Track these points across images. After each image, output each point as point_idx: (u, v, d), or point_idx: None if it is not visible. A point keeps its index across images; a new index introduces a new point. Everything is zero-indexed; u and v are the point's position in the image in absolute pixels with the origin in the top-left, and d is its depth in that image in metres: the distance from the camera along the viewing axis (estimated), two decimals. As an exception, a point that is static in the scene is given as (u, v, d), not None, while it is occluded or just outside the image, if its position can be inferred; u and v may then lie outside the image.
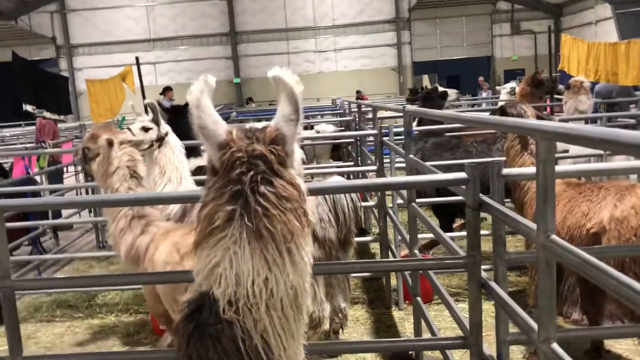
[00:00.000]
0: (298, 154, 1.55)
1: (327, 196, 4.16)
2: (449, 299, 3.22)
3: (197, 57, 32.59)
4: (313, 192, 2.04)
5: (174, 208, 4.84)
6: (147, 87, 10.20)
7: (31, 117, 23.83)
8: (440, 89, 8.39)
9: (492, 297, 2.46)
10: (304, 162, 1.65)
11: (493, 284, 2.46)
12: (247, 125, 1.54)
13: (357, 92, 24.89)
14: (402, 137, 4.66)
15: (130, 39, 32.10)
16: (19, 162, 7.14)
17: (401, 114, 5.01)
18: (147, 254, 3.59)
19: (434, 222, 5.14)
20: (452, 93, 8.04)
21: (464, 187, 2.56)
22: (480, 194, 2.53)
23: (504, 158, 4.38)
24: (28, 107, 8.58)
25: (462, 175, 2.52)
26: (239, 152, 1.41)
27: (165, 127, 5.08)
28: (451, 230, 6.58)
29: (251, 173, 1.38)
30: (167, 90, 13.82)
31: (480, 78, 25.59)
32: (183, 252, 3.36)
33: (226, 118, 10.94)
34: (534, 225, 1.99)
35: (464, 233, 5.88)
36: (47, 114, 8.57)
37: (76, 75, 31.27)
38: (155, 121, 5.01)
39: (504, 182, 2.61)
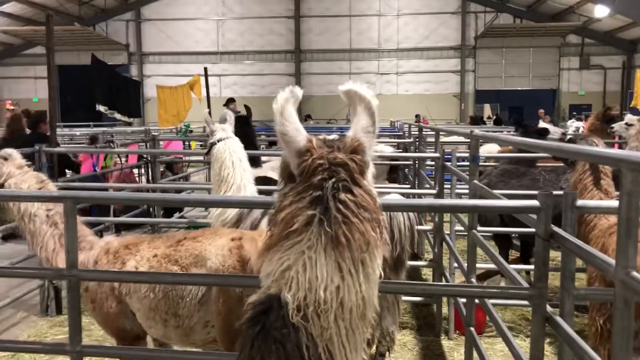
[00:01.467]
0: (372, 167, 1.54)
1: (383, 213, 4.09)
2: (507, 332, 3.10)
3: (261, 72, 33.32)
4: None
5: (231, 213, 4.88)
6: (211, 98, 10.47)
7: (101, 119, 24.86)
8: (542, 124, 7.78)
9: (558, 333, 2.35)
10: None
11: (559, 319, 2.36)
12: (322, 136, 1.55)
13: (416, 115, 24.75)
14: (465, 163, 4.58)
15: (198, 51, 33.17)
16: (87, 159, 7.44)
17: (464, 140, 4.92)
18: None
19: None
20: (555, 132, 7.10)
21: (534, 216, 2.48)
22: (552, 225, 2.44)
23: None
24: (101, 108, 8.95)
25: (534, 203, 2.44)
26: (321, 159, 1.41)
27: (222, 134, 5.15)
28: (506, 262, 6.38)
29: (332, 180, 1.38)
30: (230, 101, 14.15)
31: (541, 111, 24.96)
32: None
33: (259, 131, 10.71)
34: (611, 260, 1.90)
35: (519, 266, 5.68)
36: (118, 116, 8.91)
37: (145, 82, 32.47)
38: (214, 129, 5.14)
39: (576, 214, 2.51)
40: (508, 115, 32.66)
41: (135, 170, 9.05)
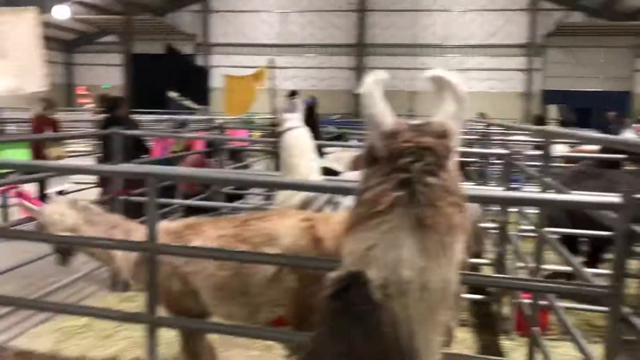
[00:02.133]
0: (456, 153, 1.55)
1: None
2: (576, 333, 3.04)
3: (322, 66, 33.45)
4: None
5: (295, 201, 4.96)
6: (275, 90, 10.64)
7: (166, 107, 25.58)
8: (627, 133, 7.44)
9: (636, 334, 2.28)
10: None
11: (638, 320, 2.29)
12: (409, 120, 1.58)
13: (480, 114, 24.21)
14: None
15: (262, 43, 33.61)
16: (158, 144, 7.73)
17: (532, 139, 4.79)
18: None
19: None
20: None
21: (613, 214, 2.41)
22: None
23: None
24: (173, 94, 9.27)
25: (615, 199, 2.37)
26: (408, 142, 1.44)
27: (291, 123, 5.23)
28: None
29: (420, 163, 1.41)
30: (293, 94, 14.30)
31: (610, 113, 23.87)
32: None
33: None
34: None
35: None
36: (188, 102, 9.22)
37: (210, 72, 33.25)
38: (286, 117, 5.23)
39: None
40: (576, 117, 31.49)
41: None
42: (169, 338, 4.11)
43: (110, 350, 4.97)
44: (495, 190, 6.37)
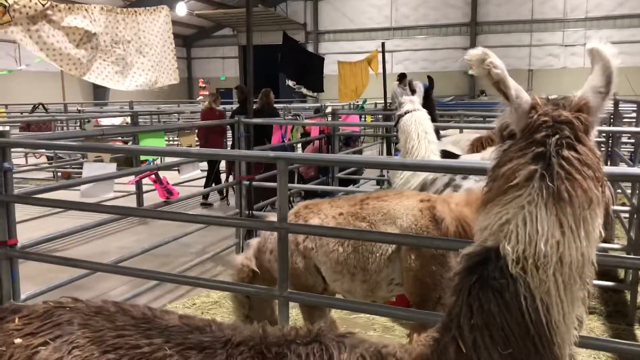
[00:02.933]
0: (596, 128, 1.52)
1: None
2: None
3: (434, 47, 32.70)
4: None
5: (414, 183, 4.98)
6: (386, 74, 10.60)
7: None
8: None
9: None
10: None
11: None
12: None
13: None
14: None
15: (372, 27, 33.51)
16: (277, 131, 8.06)
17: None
18: None
19: None
20: None
21: None
22: None
23: None
24: (290, 83, 9.64)
25: None
26: (545, 116, 1.44)
27: (409, 106, 5.24)
28: None
29: (556, 137, 1.41)
30: (402, 77, 14.17)
31: None
32: None
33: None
34: None
35: None
36: (304, 90, 9.55)
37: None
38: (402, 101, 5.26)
39: None
40: None
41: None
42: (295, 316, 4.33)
43: (239, 325, 5.32)
44: (625, 168, 5.97)
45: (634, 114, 8.53)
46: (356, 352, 1.62)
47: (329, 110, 10.64)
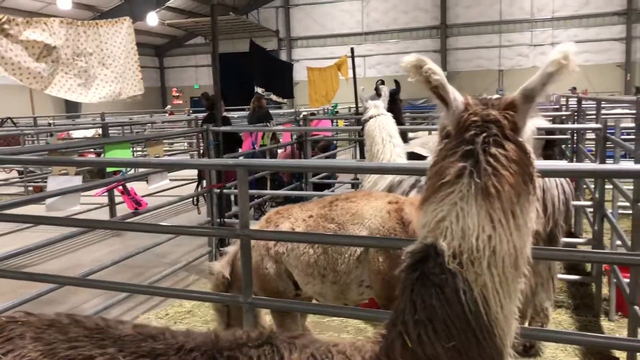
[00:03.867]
0: (530, 127, 1.57)
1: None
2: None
3: (406, 51, 32.92)
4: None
5: (382, 185, 5.05)
6: (357, 79, 10.67)
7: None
8: None
9: None
10: None
11: None
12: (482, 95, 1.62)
13: (572, 88, 22.99)
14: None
15: (343, 33, 33.71)
16: (247, 138, 8.08)
17: (629, 112, 4.56)
18: None
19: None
20: None
21: None
22: None
23: None
24: (259, 90, 9.69)
25: None
26: (475, 115, 1.49)
27: (373, 111, 5.32)
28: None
29: (484, 135, 1.47)
30: (381, 83, 14.30)
31: None
32: None
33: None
34: None
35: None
36: (274, 97, 9.61)
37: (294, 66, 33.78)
38: (367, 106, 5.34)
39: None
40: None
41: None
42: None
43: (212, 333, 5.32)
44: (585, 164, 6.12)
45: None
46: (307, 352, 1.65)
47: (301, 116, 10.72)
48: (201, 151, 9.51)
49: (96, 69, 4.68)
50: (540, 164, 1.65)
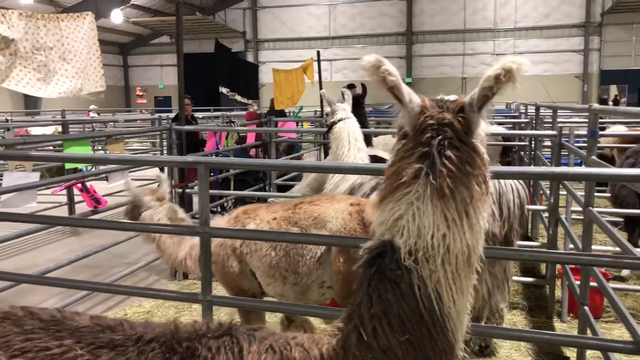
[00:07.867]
0: (483, 129, 1.63)
1: (492, 189, 4.07)
2: (625, 310, 3.04)
3: (371, 56, 33.21)
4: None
5: (343, 187, 5.11)
6: (323, 83, 10.72)
7: (219, 103, 26.10)
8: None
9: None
10: None
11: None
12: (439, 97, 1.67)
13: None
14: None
15: (310, 36, 33.82)
16: (212, 137, 8.03)
17: (585, 120, 4.72)
18: None
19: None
20: None
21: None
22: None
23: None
24: (223, 90, 9.63)
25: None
26: (431, 118, 1.55)
27: (342, 114, 5.38)
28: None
29: (439, 137, 1.52)
30: (350, 87, 14.38)
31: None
32: None
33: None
34: None
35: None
36: (238, 97, 9.57)
37: (260, 68, 33.63)
38: (335, 109, 5.41)
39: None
40: (638, 97, 30.21)
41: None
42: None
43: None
44: (534, 167, 6.30)
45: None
46: (266, 343, 1.68)
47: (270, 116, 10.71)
48: (164, 151, 9.45)
49: (56, 63, 4.59)
50: (492, 168, 1.70)
